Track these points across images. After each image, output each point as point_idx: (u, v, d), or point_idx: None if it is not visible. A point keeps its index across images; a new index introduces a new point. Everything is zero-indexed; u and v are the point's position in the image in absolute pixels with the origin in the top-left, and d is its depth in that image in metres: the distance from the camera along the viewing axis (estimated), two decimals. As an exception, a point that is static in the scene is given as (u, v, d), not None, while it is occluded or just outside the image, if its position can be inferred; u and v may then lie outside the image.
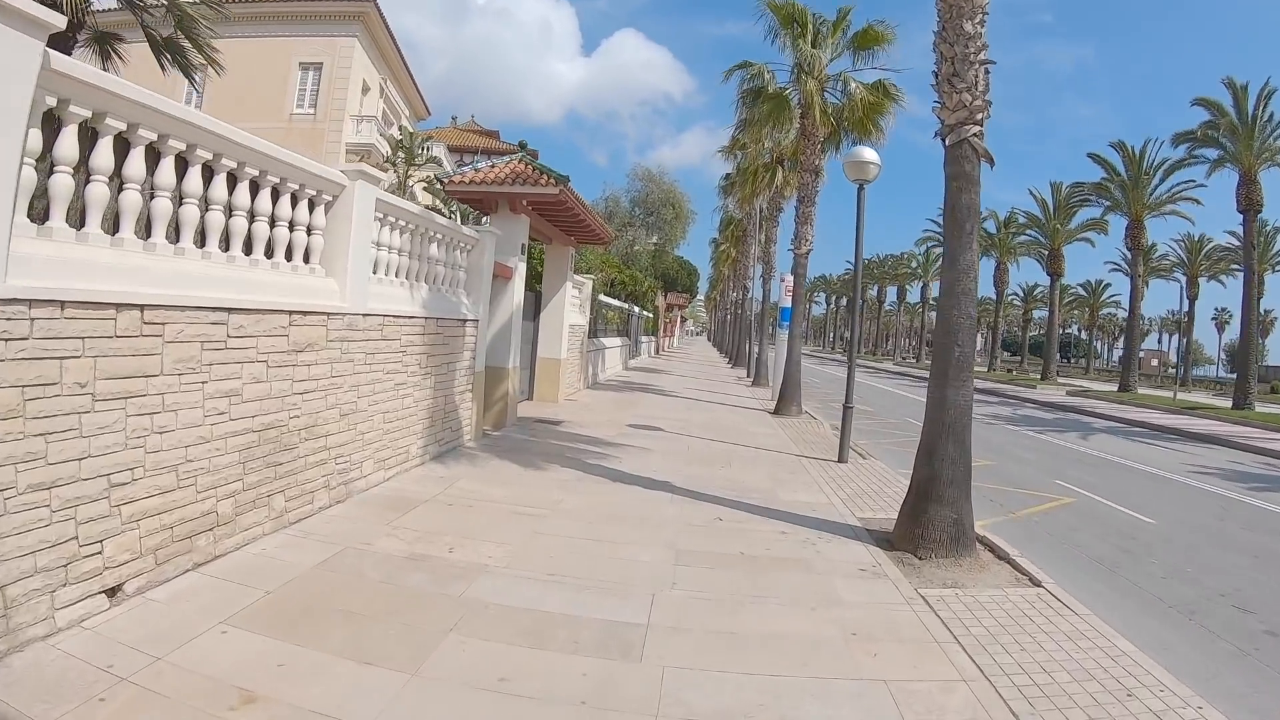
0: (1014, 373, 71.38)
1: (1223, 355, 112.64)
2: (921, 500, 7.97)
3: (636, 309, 40.34)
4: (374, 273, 8.98)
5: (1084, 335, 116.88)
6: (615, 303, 31.60)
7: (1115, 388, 46.11)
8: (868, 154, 12.87)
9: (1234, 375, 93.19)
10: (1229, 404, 36.23)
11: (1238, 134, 34.30)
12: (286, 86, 34.58)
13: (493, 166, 14.52)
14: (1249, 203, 34.39)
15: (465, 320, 11.79)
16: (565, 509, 8.61)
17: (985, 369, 69.99)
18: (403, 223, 9.72)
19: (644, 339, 46.24)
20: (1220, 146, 35.56)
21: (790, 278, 23.43)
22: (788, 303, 23.79)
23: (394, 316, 9.22)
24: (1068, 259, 61.29)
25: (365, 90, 37.01)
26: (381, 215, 8.99)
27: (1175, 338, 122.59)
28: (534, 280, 18.85)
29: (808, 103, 19.57)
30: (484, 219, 15.79)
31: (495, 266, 13.16)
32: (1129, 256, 76.27)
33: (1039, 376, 54.11)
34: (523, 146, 14.78)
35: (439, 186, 13.42)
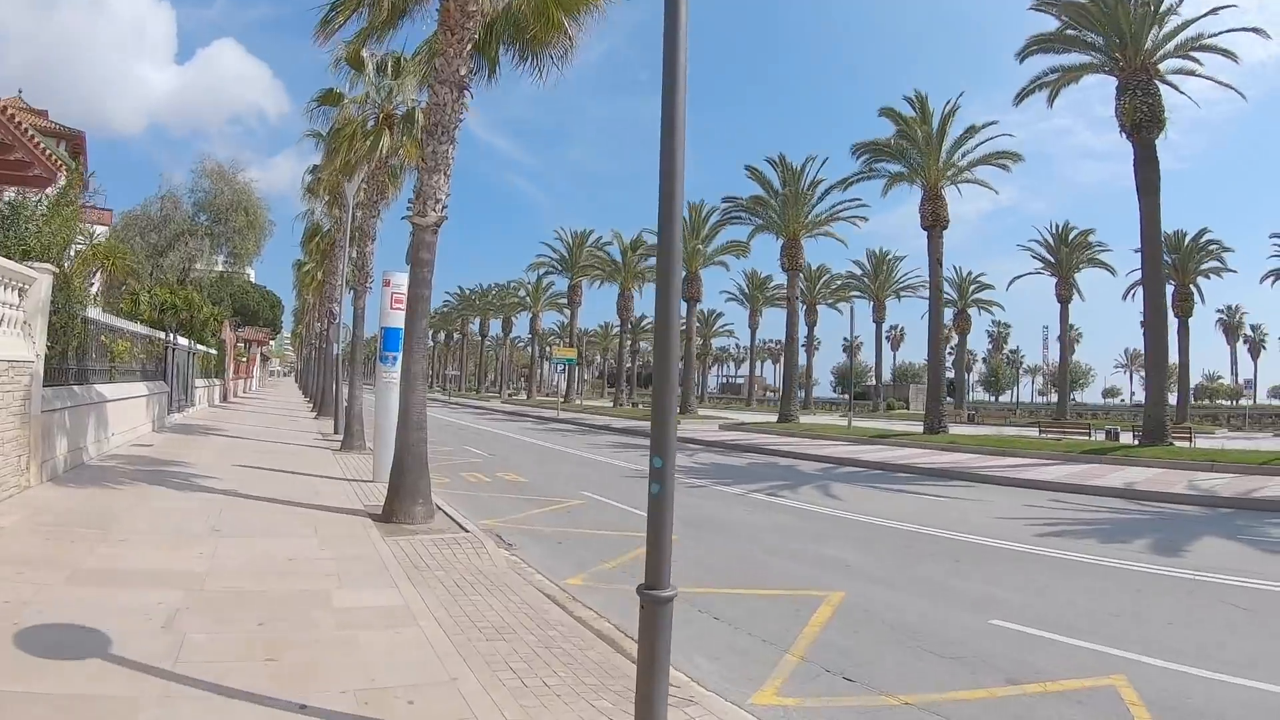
0: (639, 405, 67.44)
1: (831, 377, 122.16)
2: None
3: (185, 341, 28.48)
4: None
5: (681, 365, 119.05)
6: (131, 327, 19.83)
7: (766, 419, 42.70)
8: None
9: (843, 396, 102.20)
10: (907, 427, 33.83)
11: (930, 143, 32.94)
12: None
13: None
14: (934, 219, 32.50)
15: None
16: None
17: (611, 404, 65.39)
18: None
19: (200, 383, 33.61)
20: (905, 160, 33.85)
21: (400, 278, 14.07)
22: (397, 320, 14.23)
23: None
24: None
25: None
26: None
27: (771, 364, 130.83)
28: None
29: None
30: None
31: None
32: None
33: (679, 410, 49.79)
34: None
35: None
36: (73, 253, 14.92)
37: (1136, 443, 26.74)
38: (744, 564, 9.86)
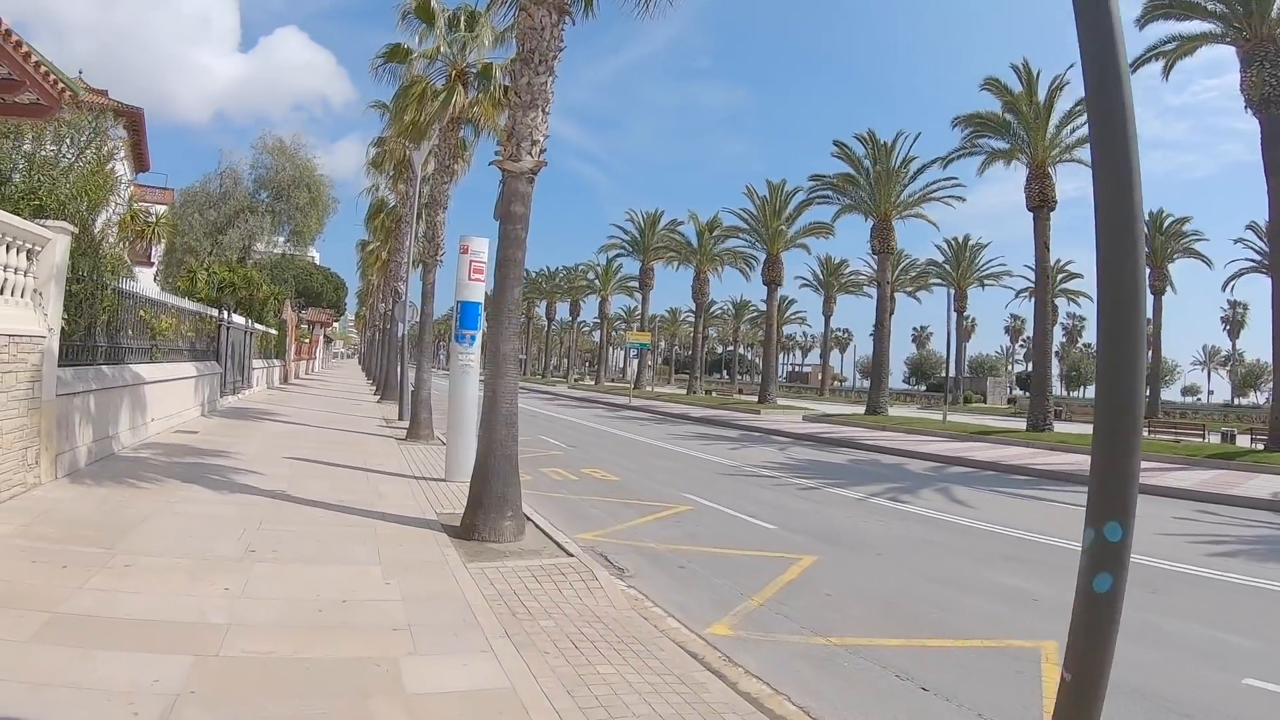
0: (713, 393, 65.11)
1: (904, 368, 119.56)
2: None
3: (242, 319, 27.01)
4: None
5: (745, 352, 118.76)
6: (177, 302, 18.07)
7: (848, 410, 40.25)
8: None
9: (917, 386, 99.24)
10: (1003, 423, 31.18)
11: (1039, 116, 30.08)
12: None
13: None
14: (1041, 199, 29.85)
15: None
16: None
17: (685, 391, 63.14)
18: None
19: (258, 364, 32.20)
20: (1008, 135, 31.22)
21: (479, 244, 12.50)
22: (475, 294, 12.57)
23: None
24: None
25: None
26: None
27: (838, 353, 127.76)
28: None
29: None
30: None
31: None
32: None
33: (757, 400, 47.28)
34: None
35: None
36: (103, 217, 13.23)
37: (1261, 447, 24.27)
38: (914, 598, 7.72)
